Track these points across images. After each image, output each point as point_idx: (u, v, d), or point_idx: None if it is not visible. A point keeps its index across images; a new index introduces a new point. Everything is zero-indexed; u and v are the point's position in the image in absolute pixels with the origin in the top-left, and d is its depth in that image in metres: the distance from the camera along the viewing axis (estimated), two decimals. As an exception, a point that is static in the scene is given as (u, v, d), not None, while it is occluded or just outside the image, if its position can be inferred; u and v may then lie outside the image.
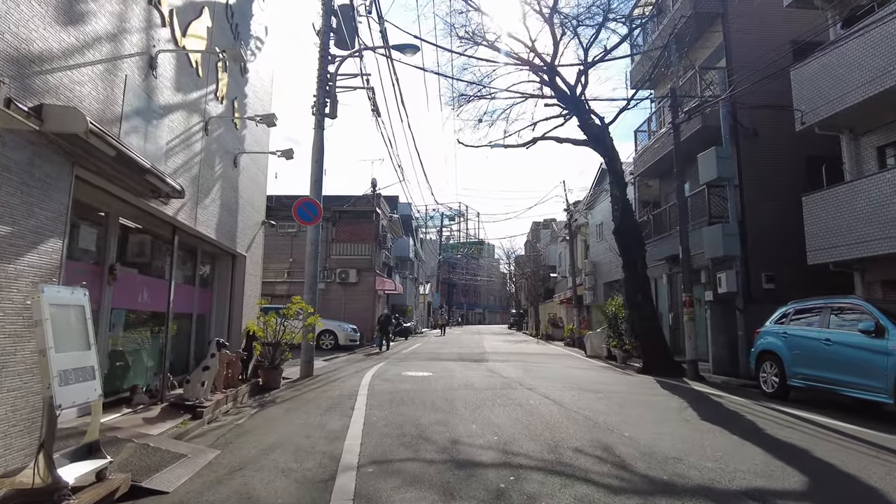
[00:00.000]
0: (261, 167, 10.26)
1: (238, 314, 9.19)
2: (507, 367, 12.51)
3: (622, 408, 7.35)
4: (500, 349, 20.03)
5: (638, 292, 12.48)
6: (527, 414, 6.69)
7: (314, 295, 11.30)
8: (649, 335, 12.29)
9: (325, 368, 12.30)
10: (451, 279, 62.70)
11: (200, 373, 6.56)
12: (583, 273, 24.25)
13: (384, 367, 12.44)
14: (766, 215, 12.65)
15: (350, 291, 22.00)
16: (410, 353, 17.13)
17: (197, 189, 6.84)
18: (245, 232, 9.30)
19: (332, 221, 22.64)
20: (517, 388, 8.85)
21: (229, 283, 9.22)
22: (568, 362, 14.91)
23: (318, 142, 11.70)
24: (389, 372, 11.28)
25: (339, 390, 8.75)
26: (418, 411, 6.81)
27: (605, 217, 21.85)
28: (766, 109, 12.68)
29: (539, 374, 11.09)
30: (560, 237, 31.63)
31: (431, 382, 9.50)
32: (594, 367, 13.76)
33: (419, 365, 12.89)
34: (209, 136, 7.27)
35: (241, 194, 8.95)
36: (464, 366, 12.72)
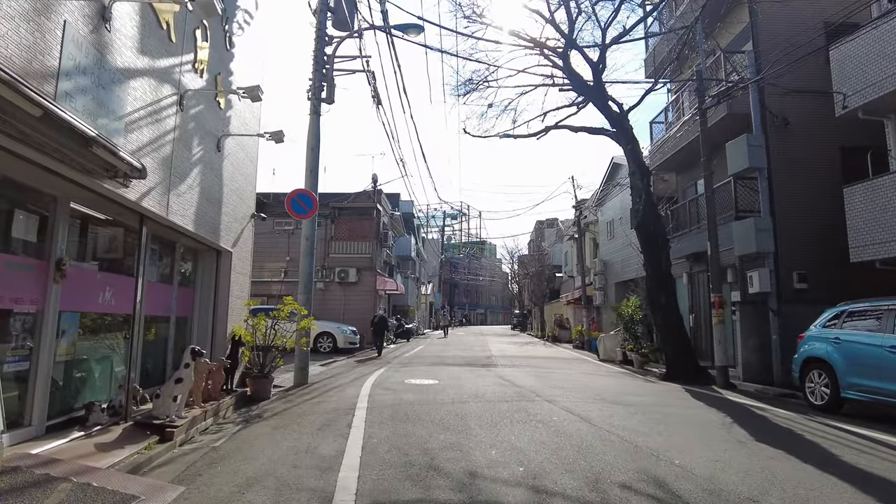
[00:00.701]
0: (250, 155, 9.33)
1: (223, 317, 8.26)
2: (519, 374, 11.56)
3: (660, 425, 6.40)
4: (507, 352, 19.08)
5: (661, 293, 11.53)
6: (553, 434, 5.74)
7: (310, 295, 10.37)
8: (674, 339, 11.34)
9: (322, 375, 11.36)
10: (454, 279, 61.77)
11: (172, 386, 5.62)
12: (592, 272, 23.29)
13: (385, 373, 11.50)
14: (797, 210, 11.69)
15: (350, 291, 21.07)
16: (413, 357, 16.19)
17: (169, 173, 5.91)
18: (231, 225, 8.37)
19: (331, 218, 21.72)
20: (535, 401, 7.90)
21: (213, 282, 8.29)
22: (582, 367, 13.96)
23: (314, 128, 10.77)
24: (391, 379, 10.34)
25: (335, 402, 7.81)
26: (426, 430, 5.86)
27: (617, 214, 20.92)
28: (797, 96, 11.73)
29: (555, 383, 10.14)
30: (567, 235, 30.68)
31: (438, 393, 8.55)
32: (612, 373, 12.80)
33: (423, 371, 11.95)
34: (185, 112, 6.33)
35: (225, 183, 8.02)
36: (471, 372, 11.78)
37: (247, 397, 8.20)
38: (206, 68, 6.92)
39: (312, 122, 10.82)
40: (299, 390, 9.17)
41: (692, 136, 12.91)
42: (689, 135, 13.01)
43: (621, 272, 20.29)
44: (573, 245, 30.21)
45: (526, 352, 19.83)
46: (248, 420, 6.66)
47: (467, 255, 64.77)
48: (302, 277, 10.47)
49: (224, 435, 5.85)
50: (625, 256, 19.94)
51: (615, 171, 21.10)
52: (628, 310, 14.96)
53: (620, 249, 20.32)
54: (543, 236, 42.34)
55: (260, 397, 8.27)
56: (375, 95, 12.83)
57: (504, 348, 21.52)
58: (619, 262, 20.61)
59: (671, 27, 13.17)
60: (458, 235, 67.39)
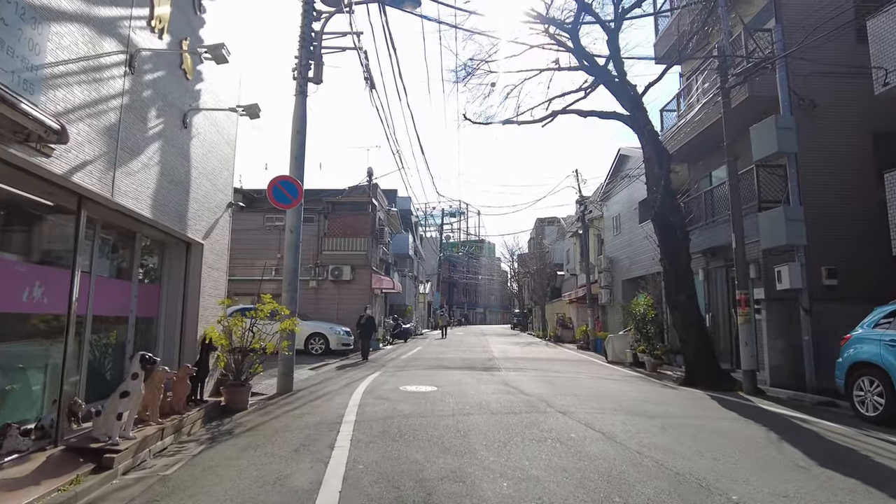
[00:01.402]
0: (226, 136, 8.35)
1: (193, 317, 7.29)
2: (525, 379, 10.61)
3: (696, 442, 5.46)
4: (509, 353, 18.13)
5: (681, 290, 10.59)
6: (574, 457, 4.79)
7: (294, 293, 9.42)
8: (694, 340, 10.40)
9: (310, 380, 10.40)
10: (452, 278, 60.81)
11: (117, 401, 4.66)
12: (597, 270, 22.36)
13: (379, 378, 10.54)
14: (826, 199, 10.78)
15: (344, 290, 20.11)
16: (410, 360, 15.23)
17: (116, 145, 4.94)
18: (202, 214, 7.40)
19: (324, 214, 20.75)
20: (548, 412, 6.94)
21: (182, 277, 7.31)
22: (592, 371, 13.00)
23: (300, 111, 9.81)
24: (385, 386, 9.38)
25: (319, 414, 6.85)
26: (422, 452, 4.91)
27: (623, 208, 19.99)
28: (824, 78, 10.80)
29: (567, 389, 9.19)
30: (570, 232, 29.74)
31: (437, 402, 7.60)
32: (625, 377, 11.85)
33: (421, 376, 10.99)
34: (138, 77, 5.36)
35: (194, 165, 7.05)
36: (473, 377, 10.82)
37: (221, 408, 7.25)
38: (167, 28, 5.94)
39: (298, 104, 9.86)
40: (282, 399, 8.21)
41: (710, 121, 11.97)
42: (705, 121, 12.08)
43: (629, 269, 19.35)
44: (576, 242, 29.29)
45: (529, 353, 18.88)
46: (215, 438, 5.70)
47: (466, 253, 63.79)
48: (286, 273, 9.50)
49: (182, 458, 4.89)
50: (632, 252, 19.00)
51: (622, 164, 20.15)
52: (639, 308, 14.02)
53: (628, 245, 19.38)
54: (544, 234, 41.40)
55: (236, 408, 7.32)
56: (368, 77, 11.85)
57: (506, 349, 20.57)
58: (626, 259, 19.67)
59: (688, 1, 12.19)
60: (456, 234, 66.47)
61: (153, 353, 7.15)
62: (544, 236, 40.23)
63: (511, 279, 62.89)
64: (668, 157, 11.09)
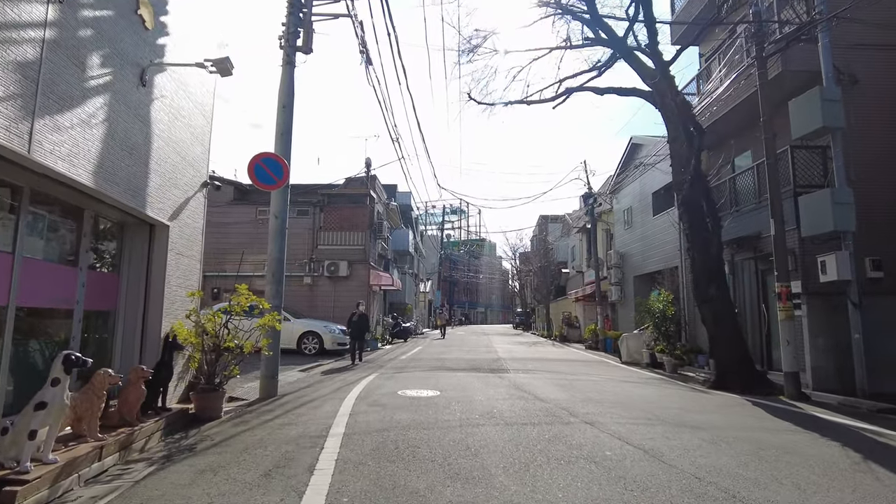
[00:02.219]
0: (199, 104, 7.30)
1: (157, 310, 6.24)
2: (538, 382, 9.56)
3: (764, 464, 4.41)
4: (515, 353, 17.08)
5: (711, 283, 9.53)
6: (617, 484, 3.74)
7: (279, 286, 8.39)
8: (727, 339, 9.34)
9: (299, 383, 9.35)
10: (453, 276, 59.74)
11: (30, 415, 3.63)
12: (606, 266, 21.30)
13: (376, 381, 9.50)
14: (870, 183, 9.74)
15: (340, 287, 19.06)
16: (410, 360, 14.18)
17: (35, 89, 3.90)
18: (168, 192, 6.35)
19: (320, 207, 19.70)
20: (572, 423, 5.90)
21: (145, 265, 6.27)
22: (608, 372, 11.95)
23: (288, 82, 8.77)
24: (382, 390, 8.34)
25: (302, 425, 5.81)
26: (423, 478, 3.87)
27: (635, 200, 18.94)
28: (867, 51, 9.78)
29: (587, 394, 8.14)
30: (576, 228, 28.68)
31: (441, 410, 6.55)
32: (646, 379, 10.79)
33: (421, 378, 9.95)
34: (71, 11, 4.32)
35: (157, 133, 6.01)
36: (480, 380, 9.77)
37: (189, 417, 6.21)
38: (114, -41, 4.90)
39: (286, 75, 8.83)
40: (263, 406, 7.16)
41: (739, 98, 10.91)
42: (735, 97, 11.01)
43: (641, 264, 18.29)
44: (582, 238, 28.24)
45: (536, 353, 17.82)
46: (171, 456, 4.66)
47: (467, 251, 62.73)
48: (270, 264, 8.46)
49: (119, 486, 3.86)
50: (645, 247, 17.95)
51: (634, 153, 19.11)
52: (658, 305, 12.97)
53: (640, 239, 18.33)
54: (548, 231, 40.32)
55: (206, 416, 6.28)
56: (364, 51, 10.81)
57: (511, 349, 19.51)
58: (638, 254, 18.61)
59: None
60: (457, 233, 65.39)
61: (109, 351, 6.16)
62: (548, 233, 39.15)
63: (513, 278, 61.81)
64: (702, 132, 9.86)
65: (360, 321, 13.58)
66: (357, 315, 13.59)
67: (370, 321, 14.81)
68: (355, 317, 13.56)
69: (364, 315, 13.96)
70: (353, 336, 13.45)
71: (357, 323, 13.50)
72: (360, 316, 13.64)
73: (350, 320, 13.62)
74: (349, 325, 13.57)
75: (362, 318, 13.73)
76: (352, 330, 13.48)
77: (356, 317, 13.55)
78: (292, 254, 19.33)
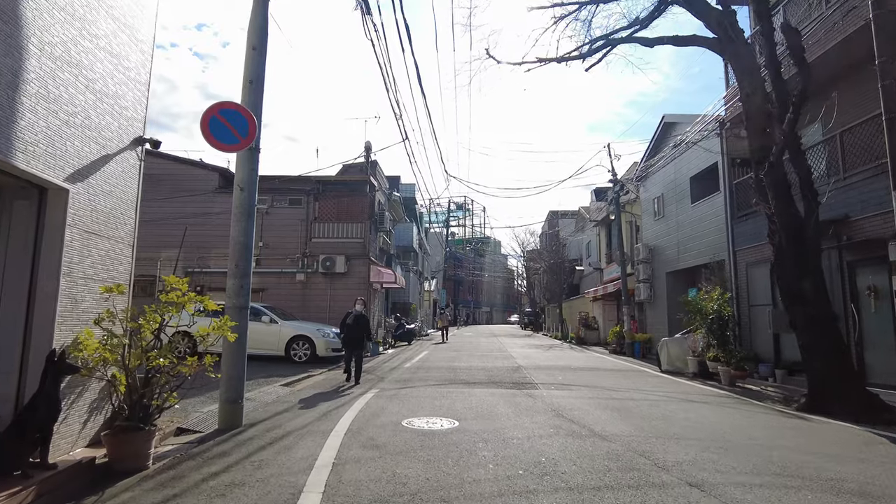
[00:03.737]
0: (130, 30, 5.29)
1: (48, 314, 4.23)
2: (582, 403, 7.53)
3: None
4: (535, 360, 15.04)
5: (805, 277, 7.46)
6: None
7: (245, 279, 6.39)
8: (824, 349, 7.27)
9: (277, 404, 7.34)
10: (458, 275, 57.70)
11: None
12: (633, 261, 19.23)
13: (374, 402, 7.48)
14: None
15: (337, 284, 17.05)
16: (416, 370, 12.16)
17: None
18: (70, 141, 4.35)
19: (314, 195, 17.68)
20: (669, 485, 3.85)
21: (31, 248, 4.27)
22: (658, 386, 9.89)
23: (259, 16, 6.76)
24: (381, 417, 6.32)
25: (259, 486, 3.80)
26: None
27: (667, 188, 16.87)
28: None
29: (655, 424, 6.11)
30: (593, 222, 26.59)
31: (464, 460, 4.52)
32: (710, 396, 8.72)
33: (431, 398, 7.93)
34: None
35: (46, 50, 4.01)
36: (506, 400, 7.75)
37: (98, 470, 4.22)
38: None
39: (257, 8, 6.80)
40: (216, 445, 5.15)
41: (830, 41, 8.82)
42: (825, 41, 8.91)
43: (676, 259, 16.21)
44: (599, 232, 26.18)
45: (558, 359, 15.76)
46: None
47: (473, 248, 60.67)
48: (233, 251, 6.44)
49: None
50: (682, 239, 15.88)
51: (666, 134, 17.03)
52: (711, 304, 10.91)
53: (675, 230, 16.25)
54: (559, 226, 38.24)
55: (125, 468, 4.30)
56: (360, -6, 8.79)
57: (528, 354, 17.46)
58: (671, 247, 16.53)
59: None
60: (462, 231, 63.32)
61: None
62: (560, 229, 37.05)
63: (520, 276, 59.71)
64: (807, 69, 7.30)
65: (356, 324, 9.70)
66: (353, 315, 9.80)
67: (371, 323, 10.39)
68: (350, 318, 9.79)
69: (362, 316, 9.92)
70: (347, 344, 9.74)
71: (353, 326, 9.65)
72: (356, 317, 9.78)
73: (343, 322, 9.93)
74: (342, 329, 10.00)
75: (360, 321, 9.78)
76: (345, 336, 9.79)
77: (351, 318, 9.77)
78: (283, 248, 17.36)
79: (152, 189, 17.81)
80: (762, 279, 11.42)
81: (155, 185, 17.00)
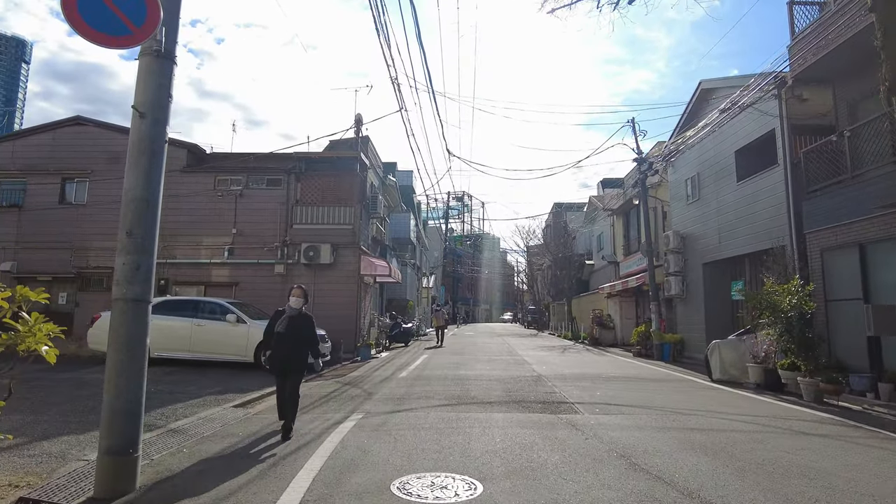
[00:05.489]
0: None
1: None
2: (655, 441, 5.25)
3: None
4: (553, 366, 12.76)
5: None
6: None
7: (147, 258, 4.03)
8: None
9: (210, 444, 5.02)
10: (457, 272, 55.40)
11: None
12: (658, 252, 16.98)
13: (351, 440, 5.18)
14: None
15: (322, 277, 14.73)
16: (413, 381, 9.87)
17: None
18: None
19: (296, 175, 15.34)
20: None
21: None
22: (734, 407, 7.61)
23: None
24: (358, 476, 4.02)
25: None
26: None
27: (704, 166, 14.62)
28: None
29: (805, 489, 3.82)
30: (607, 211, 24.31)
31: None
32: (820, 423, 6.42)
33: (434, 429, 5.66)
34: None
35: None
36: (541, 433, 5.48)
37: None
38: None
39: None
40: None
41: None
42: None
43: (717, 248, 13.95)
44: (614, 222, 23.92)
45: (581, 365, 13.48)
46: None
47: (473, 244, 58.39)
48: (126, 210, 4.07)
49: None
50: (723, 224, 13.62)
51: (702, 103, 14.74)
52: (790, 300, 8.64)
53: (716, 214, 13.99)
54: (566, 218, 35.95)
55: None
56: None
57: (543, 358, 15.19)
58: (710, 234, 14.27)
59: None
60: (460, 227, 61.02)
61: None
62: (567, 221, 34.78)
63: (521, 272, 57.41)
64: None
65: (291, 332, 5.43)
66: (285, 318, 5.48)
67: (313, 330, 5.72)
68: (281, 322, 5.46)
69: (302, 318, 5.54)
70: (276, 367, 5.50)
71: (285, 336, 5.41)
72: (291, 320, 5.47)
73: (270, 329, 5.57)
74: (266, 342, 5.68)
75: (298, 326, 5.47)
76: (273, 353, 5.49)
77: (283, 322, 5.46)
78: (259, 235, 15.04)
79: (108, 168, 15.50)
80: (846, 268, 9.16)
81: (111, 164, 14.67)
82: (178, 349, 10.88)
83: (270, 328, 5.61)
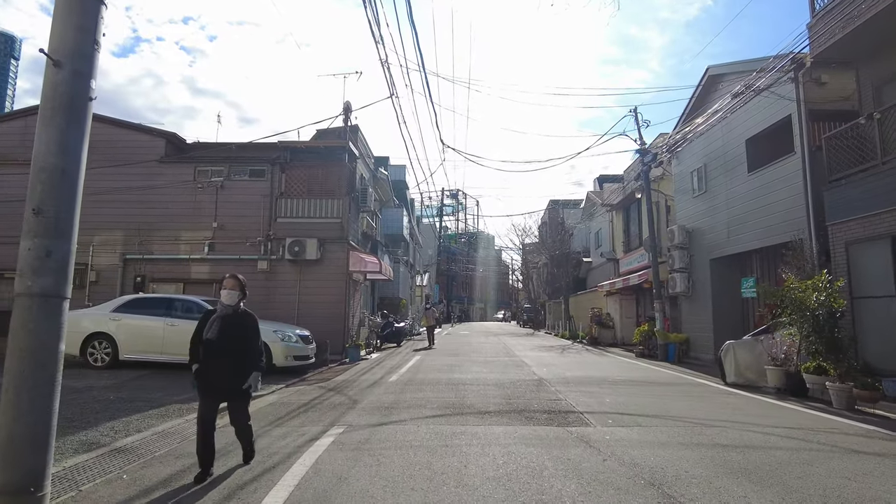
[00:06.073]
0: None
1: None
2: (685, 462, 4.48)
3: None
4: (554, 368, 11.99)
5: None
6: None
7: (65, 243, 3.20)
8: None
9: (158, 469, 4.17)
10: (452, 270, 54.57)
11: None
12: (666, 247, 16.25)
13: (327, 462, 4.37)
14: None
15: (308, 274, 13.89)
16: (404, 386, 9.06)
17: None
18: None
19: (281, 165, 14.48)
20: None
21: None
22: (761, 416, 6.85)
23: None
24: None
25: None
26: None
27: (711, 157, 13.89)
28: None
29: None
30: (606, 206, 23.58)
31: None
32: (867, 438, 5.66)
33: (426, 447, 4.87)
34: None
35: None
36: (550, 453, 4.70)
37: None
38: None
39: None
40: None
41: None
42: None
43: (725, 243, 13.23)
44: (613, 218, 23.20)
45: (583, 367, 12.71)
46: None
47: (467, 241, 57.58)
48: (36, 179, 3.23)
49: None
50: (732, 217, 12.90)
51: (710, 90, 14.01)
52: (817, 297, 7.89)
53: (724, 207, 13.27)
54: (563, 215, 35.20)
55: None
56: None
57: (542, 359, 14.41)
58: (718, 229, 13.54)
59: None
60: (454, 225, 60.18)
61: None
62: (564, 218, 34.02)
63: (516, 270, 56.68)
64: None
65: (224, 339, 4.00)
66: (216, 319, 4.07)
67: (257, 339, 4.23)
68: (212, 325, 4.03)
69: (243, 316, 4.15)
70: (204, 384, 3.97)
71: (216, 343, 3.98)
72: (223, 320, 4.07)
73: (198, 335, 4.06)
74: (193, 351, 4.05)
75: (233, 329, 4.05)
76: (201, 366, 3.99)
77: (213, 326, 4.03)
78: (241, 229, 14.17)
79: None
80: (876, 262, 8.44)
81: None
82: (148, 351, 10.00)
83: (197, 335, 4.07)
